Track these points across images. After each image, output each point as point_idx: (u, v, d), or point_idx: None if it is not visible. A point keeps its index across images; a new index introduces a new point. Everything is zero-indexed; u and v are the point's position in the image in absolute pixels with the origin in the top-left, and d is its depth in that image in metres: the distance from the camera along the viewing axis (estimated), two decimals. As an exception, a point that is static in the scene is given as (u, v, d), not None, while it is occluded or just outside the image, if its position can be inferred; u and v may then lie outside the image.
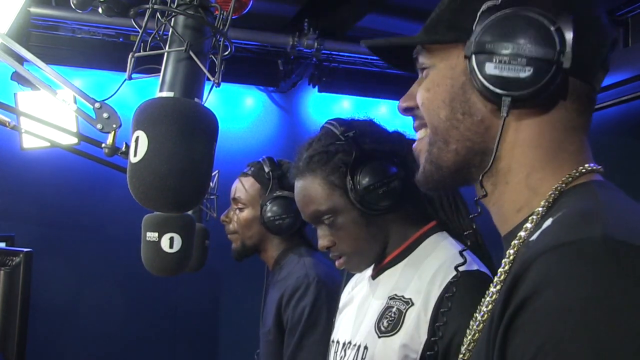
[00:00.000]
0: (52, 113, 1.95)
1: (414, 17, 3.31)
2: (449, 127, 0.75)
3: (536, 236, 0.66)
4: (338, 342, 1.33)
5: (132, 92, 3.05)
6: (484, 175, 0.74)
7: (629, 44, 3.52)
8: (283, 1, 3.27)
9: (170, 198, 0.75)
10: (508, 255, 0.70)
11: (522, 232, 0.70)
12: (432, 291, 1.14)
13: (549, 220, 0.66)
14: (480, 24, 0.70)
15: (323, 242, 1.28)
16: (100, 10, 0.89)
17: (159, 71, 0.81)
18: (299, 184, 1.30)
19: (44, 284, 2.86)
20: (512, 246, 0.70)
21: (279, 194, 1.84)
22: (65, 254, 3.36)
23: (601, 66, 0.73)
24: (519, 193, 0.73)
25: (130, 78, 0.83)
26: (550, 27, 0.66)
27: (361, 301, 1.33)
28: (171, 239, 0.78)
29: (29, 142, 2.10)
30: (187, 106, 0.77)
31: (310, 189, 1.27)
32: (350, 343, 1.27)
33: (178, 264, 0.79)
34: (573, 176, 0.70)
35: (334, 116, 1.34)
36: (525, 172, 0.72)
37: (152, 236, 0.78)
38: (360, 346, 1.21)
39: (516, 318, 0.58)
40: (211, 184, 2.05)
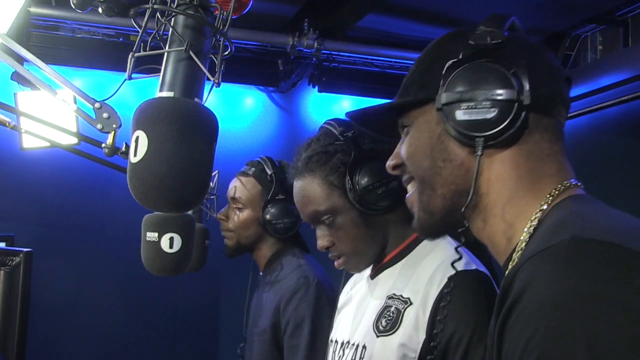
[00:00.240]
0: (52, 113, 1.95)
1: (414, 17, 3.31)
2: (432, 175, 0.82)
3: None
4: (337, 341, 1.33)
5: (132, 92, 3.05)
6: (471, 211, 0.80)
7: (629, 44, 3.52)
8: (283, 1, 3.27)
9: (170, 198, 0.75)
10: (507, 274, 0.76)
11: (515, 254, 0.76)
12: (430, 291, 1.14)
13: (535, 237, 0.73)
14: (445, 79, 0.78)
15: (322, 242, 1.28)
16: (100, 10, 0.89)
17: (159, 71, 0.81)
18: (297, 184, 1.30)
19: (44, 284, 2.87)
20: (509, 268, 0.76)
21: (281, 197, 1.85)
22: (65, 254, 3.35)
23: (560, 101, 0.80)
24: (507, 222, 0.78)
25: (130, 78, 0.83)
26: (507, 71, 0.75)
27: (360, 301, 1.33)
28: (171, 239, 0.78)
29: (29, 142, 2.10)
30: (187, 106, 0.77)
31: (309, 189, 1.27)
32: (348, 342, 1.27)
33: (178, 264, 0.79)
34: (553, 195, 0.76)
35: (334, 116, 1.34)
36: (509, 202, 0.78)
37: (152, 236, 0.78)
38: (358, 346, 1.21)
39: (507, 321, 0.64)
40: (211, 184, 2.05)
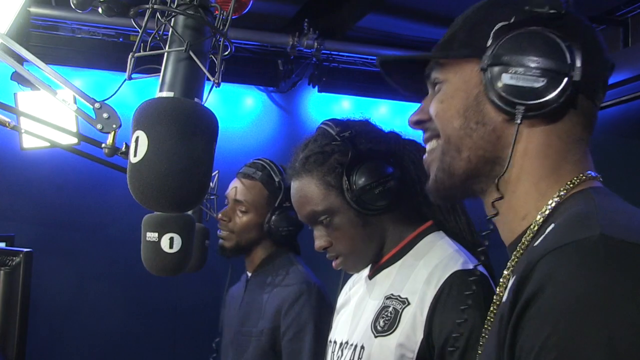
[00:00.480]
0: (52, 113, 1.95)
1: (413, 17, 3.31)
2: (462, 136, 0.79)
3: (539, 241, 0.69)
4: (335, 342, 1.33)
5: (132, 92, 3.05)
6: (490, 181, 0.78)
7: (629, 44, 3.52)
8: (283, 1, 3.27)
9: (170, 198, 0.75)
10: (513, 258, 0.75)
11: (525, 237, 0.74)
12: (428, 291, 1.14)
13: (551, 226, 0.70)
14: (495, 39, 0.75)
15: (320, 242, 1.28)
16: (100, 10, 0.89)
17: (159, 71, 0.81)
18: (295, 185, 1.30)
19: (44, 284, 2.87)
20: (517, 250, 0.74)
21: (288, 204, 1.83)
22: (65, 254, 3.36)
23: (602, 87, 0.78)
24: (525, 201, 0.76)
25: (130, 78, 0.83)
26: (563, 43, 0.72)
27: (358, 301, 1.33)
28: (171, 239, 0.78)
29: (29, 142, 2.09)
30: (187, 106, 0.77)
31: (306, 189, 1.27)
32: (347, 343, 1.27)
33: (178, 264, 0.79)
34: (574, 183, 0.74)
35: (334, 116, 1.33)
36: (532, 181, 0.76)
37: (152, 236, 0.78)
38: (357, 346, 1.21)
39: (523, 316, 0.61)
40: (211, 184, 2.05)
